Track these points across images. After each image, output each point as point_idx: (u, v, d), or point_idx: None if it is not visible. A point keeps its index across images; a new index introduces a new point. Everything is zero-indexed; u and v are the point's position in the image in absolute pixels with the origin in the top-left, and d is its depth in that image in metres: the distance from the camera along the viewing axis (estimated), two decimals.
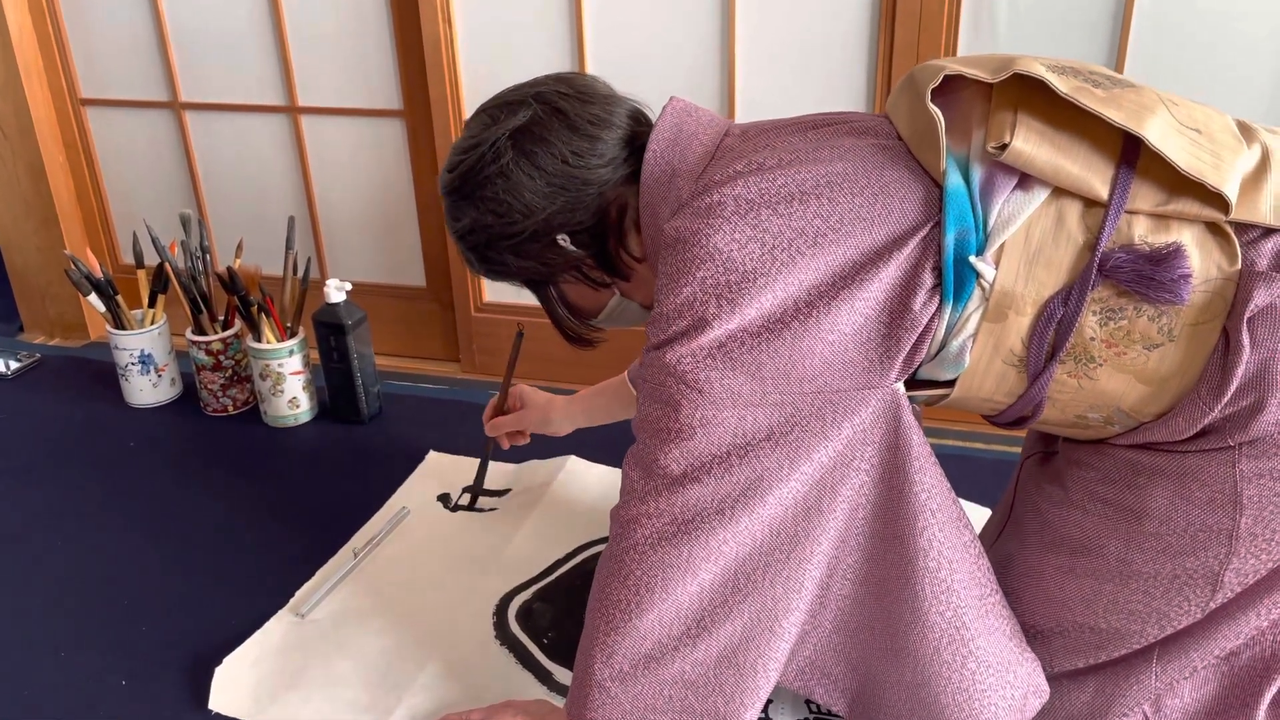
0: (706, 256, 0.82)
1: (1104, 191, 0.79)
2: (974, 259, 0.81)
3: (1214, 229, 0.80)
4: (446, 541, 1.32)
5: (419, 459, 1.51)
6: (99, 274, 1.63)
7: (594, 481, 1.43)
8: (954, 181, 0.81)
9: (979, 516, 1.27)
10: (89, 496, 1.44)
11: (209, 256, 1.64)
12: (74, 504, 1.42)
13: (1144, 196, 0.79)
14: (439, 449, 1.53)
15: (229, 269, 1.54)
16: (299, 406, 1.62)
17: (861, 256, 0.82)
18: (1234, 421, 0.80)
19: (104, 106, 1.88)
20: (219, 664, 1.09)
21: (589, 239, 0.96)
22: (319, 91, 1.75)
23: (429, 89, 1.64)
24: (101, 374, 1.81)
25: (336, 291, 1.56)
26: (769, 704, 1.04)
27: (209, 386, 1.65)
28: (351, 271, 1.88)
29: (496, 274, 1.01)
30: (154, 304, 1.68)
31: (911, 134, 0.86)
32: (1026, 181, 0.81)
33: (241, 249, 1.69)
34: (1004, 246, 0.81)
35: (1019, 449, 1.48)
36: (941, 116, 0.81)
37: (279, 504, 1.41)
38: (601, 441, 1.48)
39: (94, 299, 1.63)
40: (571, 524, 1.34)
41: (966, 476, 1.39)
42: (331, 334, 1.57)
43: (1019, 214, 0.80)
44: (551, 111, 0.93)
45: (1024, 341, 0.83)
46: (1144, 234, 0.79)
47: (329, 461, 1.52)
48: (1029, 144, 0.79)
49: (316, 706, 1.04)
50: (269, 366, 1.58)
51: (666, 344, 0.84)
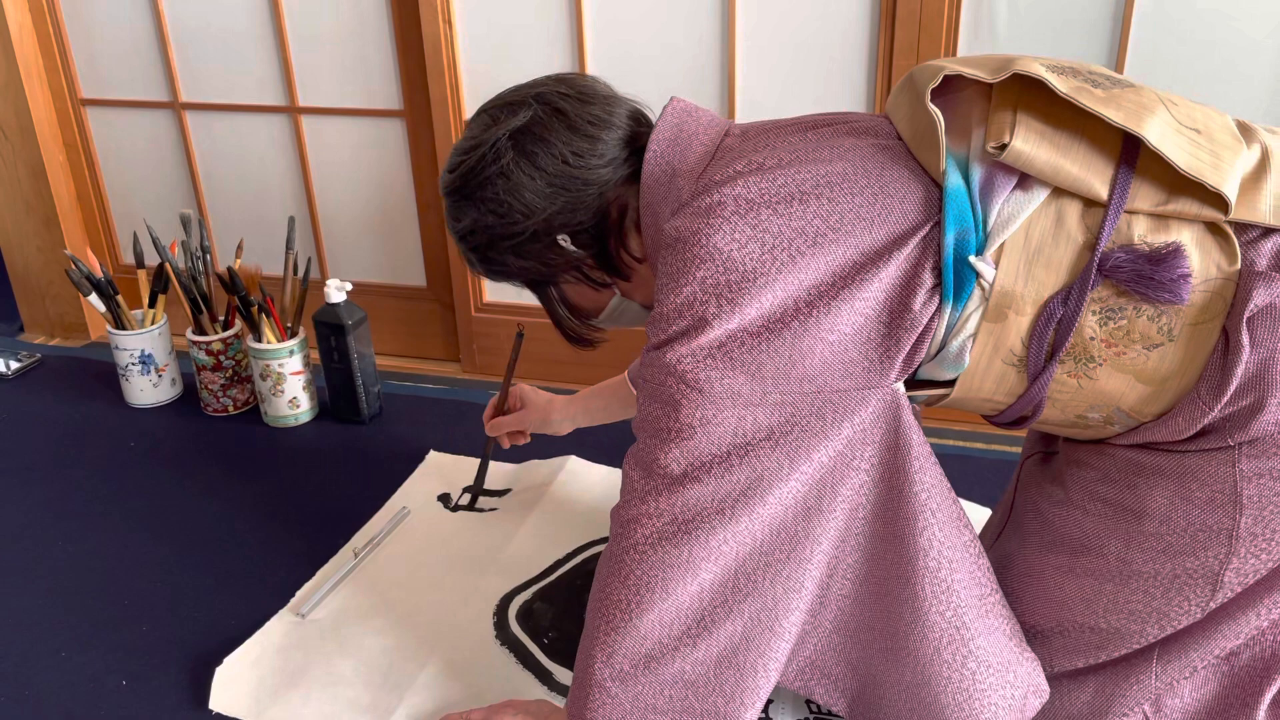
0: (706, 256, 0.82)
1: (1103, 191, 0.79)
2: (974, 259, 0.81)
3: (1213, 229, 0.80)
4: (447, 541, 1.32)
5: (419, 459, 1.51)
6: (99, 274, 1.63)
7: (594, 481, 1.43)
8: (954, 181, 0.81)
9: (979, 516, 1.27)
10: (89, 496, 1.44)
11: (209, 256, 1.64)
12: (74, 504, 1.42)
13: (1143, 196, 0.79)
14: (439, 449, 1.53)
15: (229, 269, 1.55)
16: (299, 406, 1.62)
17: (861, 256, 0.82)
18: (1234, 421, 0.80)
19: (104, 107, 1.88)
20: (220, 664, 1.09)
21: (589, 239, 0.96)
22: (319, 92, 1.75)
23: (429, 89, 1.64)
24: (102, 374, 1.81)
25: (337, 291, 1.56)
26: (769, 704, 1.04)
27: (209, 386, 1.65)
28: (352, 271, 1.88)
29: (497, 274, 1.01)
30: (154, 304, 1.68)
31: (911, 134, 0.86)
32: (1026, 181, 0.81)
33: (242, 249, 1.69)
34: (1004, 246, 0.81)
35: (1019, 449, 1.49)
36: (941, 116, 0.82)
37: (279, 504, 1.41)
38: (602, 441, 1.48)
39: (94, 299, 1.63)
40: (572, 524, 1.34)
41: (967, 476, 1.39)
42: (332, 334, 1.57)
43: (1019, 214, 0.81)
44: (552, 112, 0.93)
45: (1024, 341, 0.83)
46: (1143, 234, 0.79)
47: (329, 461, 1.52)
48: (1028, 144, 0.79)
49: (317, 706, 1.04)
50: (269, 366, 1.58)
51: (666, 344, 0.84)
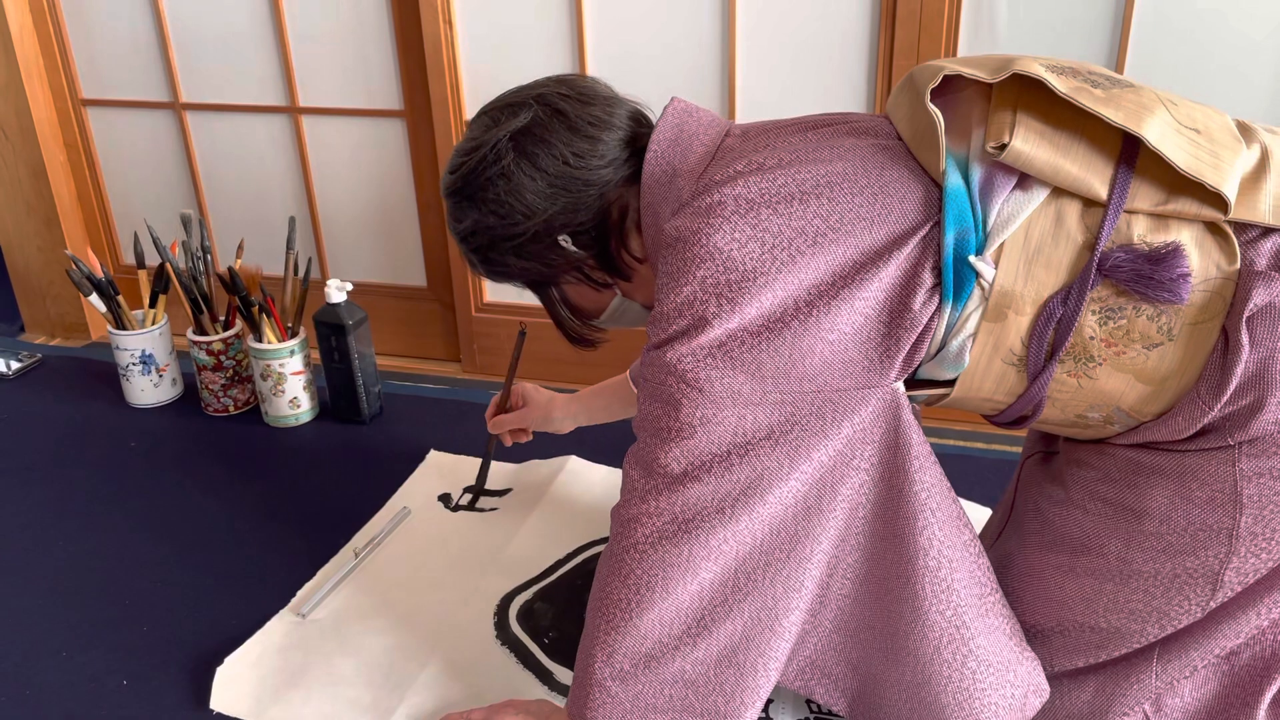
0: (707, 256, 0.82)
1: (1103, 191, 0.79)
2: (973, 259, 0.81)
3: (1213, 228, 0.80)
4: (447, 541, 1.32)
5: (420, 459, 1.51)
6: (100, 274, 1.63)
7: (595, 481, 1.43)
8: (953, 181, 0.81)
9: (979, 516, 1.27)
10: (90, 496, 1.44)
11: (210, 257, 1.65)
12: (75, 504, 1.42)
13: (1143, 196, 0.79)
14: (440, 449, 1.53)
15: (230, 269, 1.55)
16: (300, 406, 1.62)
17: (861, 256, 0.82)
18: (1234, 420, 0.80)
19: (105, 107, 1.88)
20: (220, 664, 1.09)
21: (590, 239, 0.96)
22: (319, 92, 1.75)
23: (429, 89, 1.64)
24: (102, 374, 1.81)
25: (337, 291, 1.56)
26: (769, 703, 1.04)
27: (210, 386, 1.65)
28: (352, 272, 1.88)
29: (498, 275, 1.01)
30: (155, 304, 1.68)
31: (911, 134, 0.86)
32: (1026, 181, 0.81)
33: (242, 249, 1.69)
34: (1003, 246, 0.81)
35: (1019, 449, 1.49)
36: (941, 116, 0.82)
37: (280, 504, 1.41)
38: (602, 441, 1.48)
39: (95, 299, 1.63)
40: (572, 524, 1.34)
41: (967, 476, 1.39)
42: (332, 334, 1.57)
43: (1018, 214, 0.81)
44: (552, 113, 0.93)
45: (1023, 341, 0.83)
46: (1143, 233, 0.79)
47: (330, 461, 1.53)
48: (1028, 144, 0.79)
49: (318, 706, 1.04)
50: (270, 367, 1.58)
51: (667, 343, 0.84)
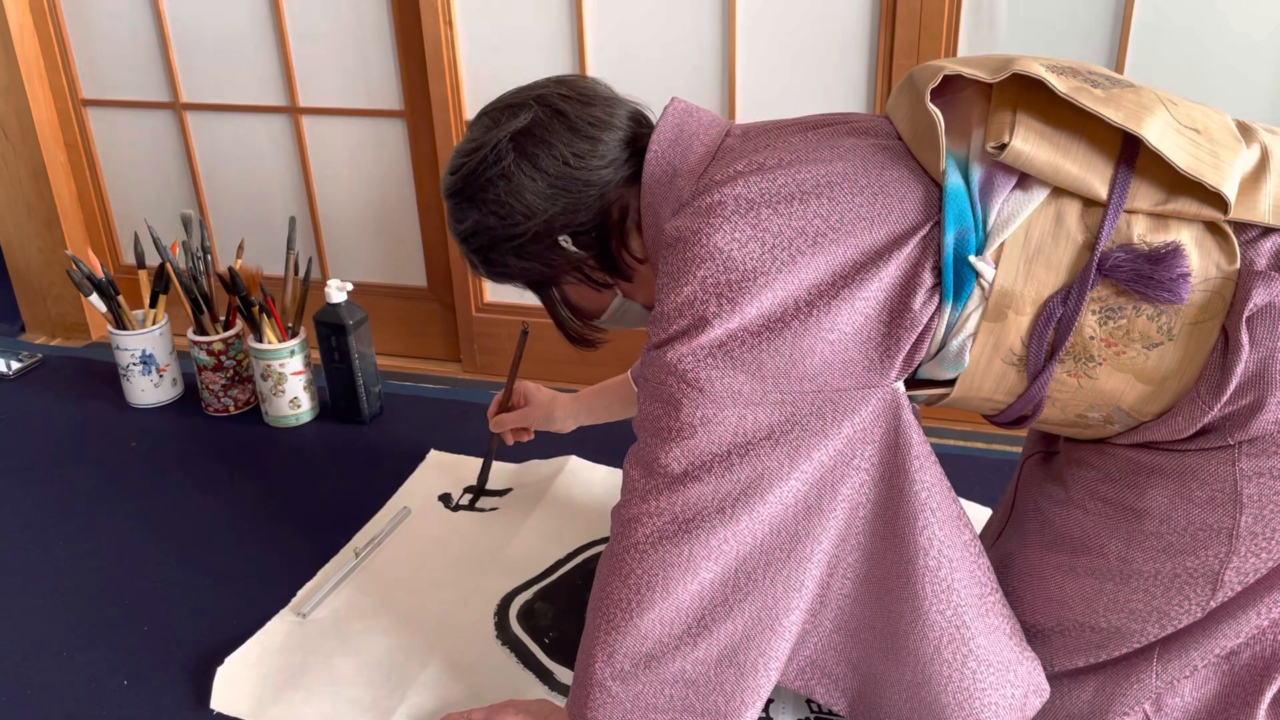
0: (707, 255, 0.82)
1: (1103, 191, 0.79)
2: (973, 258, 0.81)
3: (1213, 228, 0.80)
4: (447, 541, 1.32)
5: (420, 459, 1.51)
6: (100, 274, 1.63)
7: (595, 482, 1.43)
8: (953, 181, 0.81)
9: (980, 516, 1.27)
10: (90, 496, 1.44)
11: (210, 257, 1.65)
12: (75, 504, 1.42)
13: (1143, 196, 0.79)
14: (440, 449, 1.53)
15: (230, 269, 1.55)
16: (300, 406, 1.62)
17: (861, 256, 0.82)
18: (1234, 420, 0.80)
19: (105, 107, 1.88)
20: (221, 664, 1.09)
21: (591, 240, 0.96)
22: (320, 92, 1.75)
23: (430, 89, 1.64)
24: (103, 374, 1.81)
25: (338, 292, 1.56)
26: (770, 703, 1.04)
27: (210, 386, 1.65)
28: (352, 272, 1.88)
29: (499, 276, 1.01)
30: (155, 304, 1.68)
31: (911, 134, 0.86)
32: (1026, 181, 0.81)
33: (243, 249, 1.69)
34: (1003, 246, 0.81)
35: (1020, 449, 1.49)
36: (941, 116, 0.82)
37: (280, 504, 1.41)
38: (603, 442, 1.48)
39: (95, 299, 1.63)
40: (572, 524, 1.34)
41: (967, 476, 1.39)
42: (333, 334, 1.57)
43: (1018, 214, 0.81)
44: (552, 114, 0.93)
45: (1024, 341, 0.83)
46: (1143, 233, 0.79)
47: (330, 461, 1.53)
48: (1028, 144, 0.79)
49: (318, 706, 1.04)
50: (270, 367, 1.58)
51: (667, 343, 0.84)
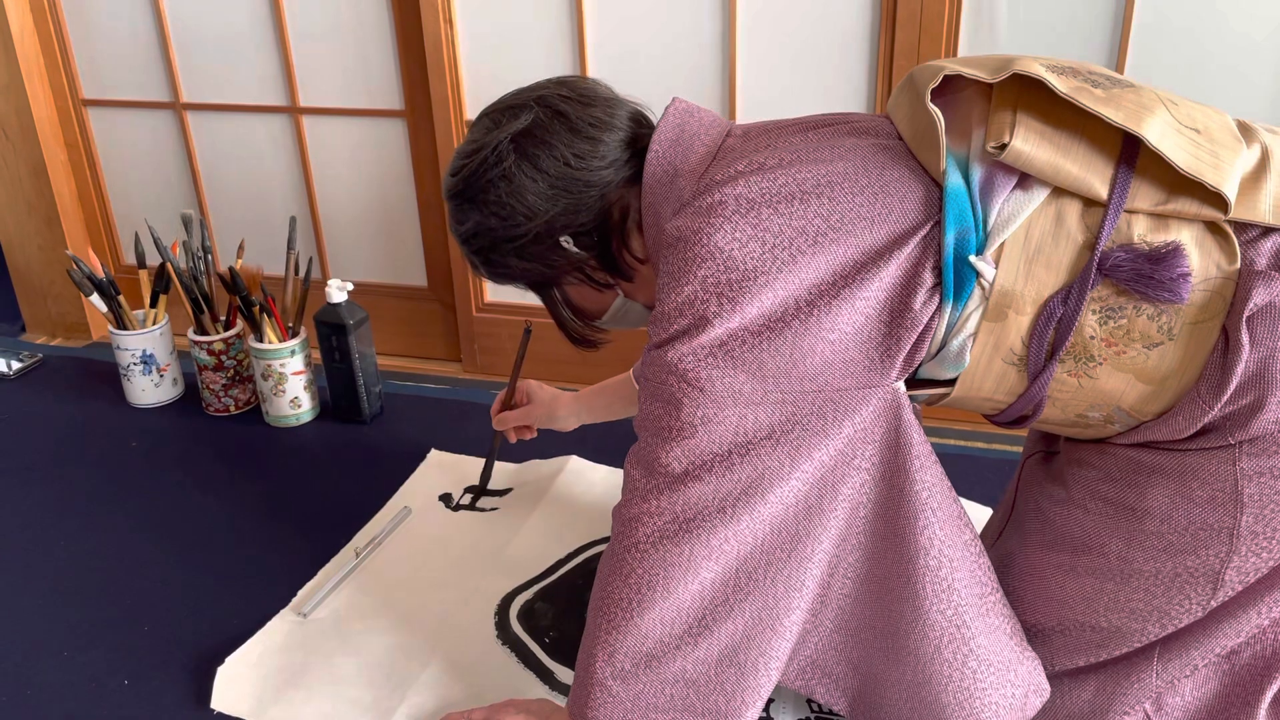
0: (708, 255, 0.82)
1: (1103, 191, 0.79)
2: (974, 258, 0.81)
3: (1213, 228, 0.80)
4: (448, 541, 1.32)
5: (421, 458, 1.51)
6: (101, 274, 1.63)
7: (595, 481, 1.43)
8: (954, 181, 0.81)
9: (980, 516, 1.27)
10: (91, 496, 1.44)
11: (210, 256, 1.65)
12: (76, 504, 1.42)
13: (1143, 196, 0.79)
14: (441, 448, 1.53)
15: (231, 269, 1.55)
16: (301, 406, 1.62)
17: (862, 256, 0.82)
18: (1234, 420, 0.80)
19: (105, 107, 1.88)
20: (221, 663, 1.09)
21: (592, 240, 0.96)
22: (320, 92, 1.75)
23: (430, 89, 1.64)
24: (103, 374, 1.81)
25: (338, 291, 1.56)
26: (770, 703, 1.04)
27: (211, 386, 1.65)
28: (353, 271, 1.88)
29: (500, 277, 1.01)
30: (156, 304, 1.68)
31: (912, 134, 0.86)
32: (1026, 181, 0.81)
33: (243, 249, 1.69)
34: (1004, 246, 0.81)
35: (1020, 448, 1.49)
36: (941, 116, 0.82)
37: (281, 504, 1.41)
38: (603, 442, 1.48)
39: (96, 299, 1.63)
40: (573, 523, 1.34)
41: (968, 476, 1.39)
42: (333, 334, 1.57)
43: (1019, 213, 0.81)
44: (553, 115, 0.93)
45: (1024, 340, 0.83)
46: (1143, 233, 0.79)
47: (331, 461, 1.53)
48: (1028, 144, 0.79)
49: (319, 706, 1.04)
50: (271, 366, 1.58)
51: (668, 342, 0.84)
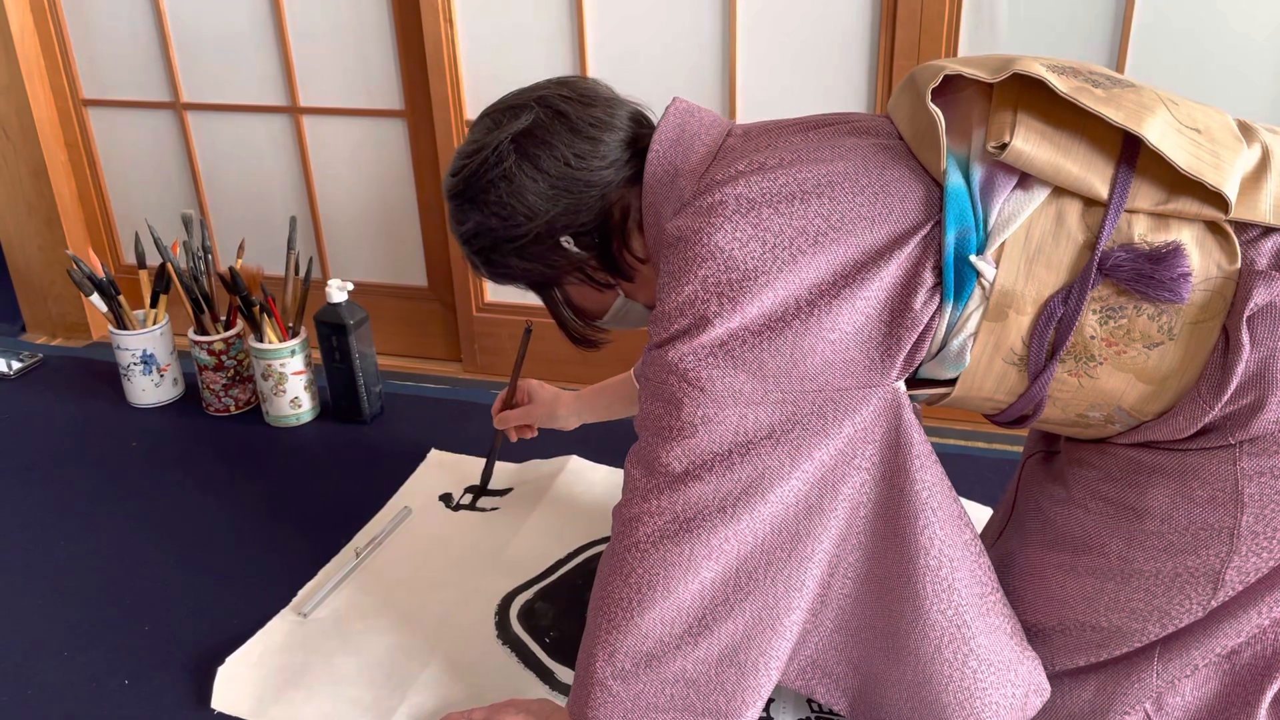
0: (708, 255, 0.82)
1: (1104, 191, 0.79)
2: (974, 258, 0.81)
3: (1213, 228, 0.80)
4: (448, 541, 1.32)
5: (421, 458, 1.51)
6: (101, 274, 1.63)
7: (595, 481, 1.43)
8: (954, 181, 0.81)
9: (980, 516, 1.27)
10: (91, 496, 1.44)
11: (211, 256, 1.65)
12: (76, 504, 1.42)
13: (1144, 195, 0.79)
14: (441, 448, 1.53)
15: (231, 269, 1.55)
16: (301, 406, 1.62)
17: (862, 255, 0.82)
18: (1235, 419, 0.80)
19: (106, 107, 1.88)
20: (222, 663, 1.09)
21: (592, 240, 0.96)
22: (320, 91, 1.75)
23: (430, 89, 1.64)
24: (103, 374, 1.81)
25: (338, 291, 1.56)
26: (770, 703, 1.04)
27: (211, 386, 1.65)
28: (353, 271, 1.88)
29: (501, 277, 1.01)
30: (156, 304, 1.68)
31: (912, 134, 0.86)
32: (1026, 181, 0.81)
33: (243, 249, 1.69)
34: (1004, 246, 0.81)
35: (1020, 448, 1.49)
36: (942, 116, 0.82)
37: (281, 504, 1.41)
38: (604, 441, 1.48)
39: (96, 299, 1.63)
40: (573, 523, 1.34)
41: (968, 475, 1.39)
42: (333, 334, 1.57)
43: (1019, 213, 0.81)
44: (553, 115, 0.93)
45: (1024, 340, 0.83)
46: (1144, 233, 0.79)
47: (331, 461, 1.53)
48: (1029, 144, 0.79)
49: (319, 705, 1.04)
50: (271, 366, 1.58)
51: (668, 342, 0.84)
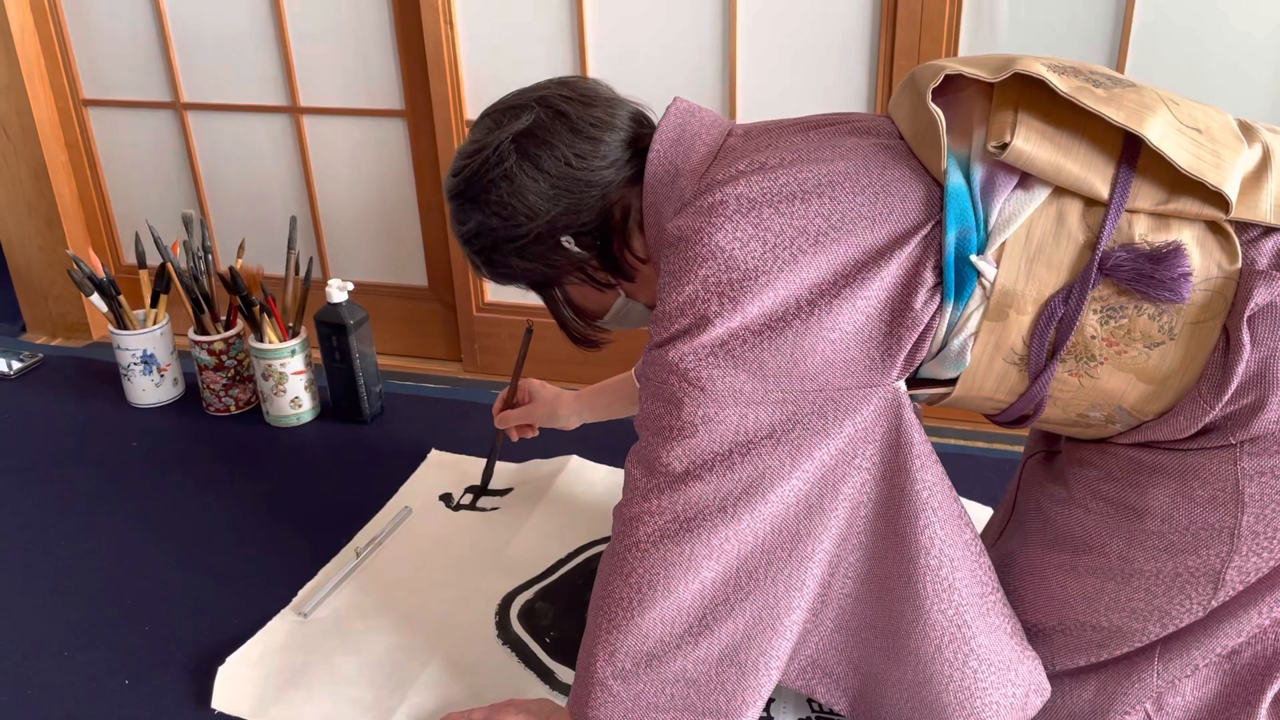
0: (708, 255, 0.82)
1: (1104, 190, 0.79)
2: (975, 258, 0.81)
3: (1214, 228, 0.80)
4: (448, 541, 1.32)
5: (421, 458, 1.51)
6: (101, 274, 1.63)
7: (596, 481, 1.43)
8: (955, 181, 0.81)
9: (981, 515, 1.27)
10: (91, 496, 1.44)
11: (211, 256, 1.65)
12: (76, 504, 1.42)
13: (1144, 195, 0.79)
14: (441, 448, 1.53)
15: (231, 269, 1.55)
16: (301, 406, 1.62)
17: (863, 255, 0.82)
18: (1235, 419, 0.80)
19: (106, 107, 1.88)
20: (222, 663, 1.09)
21: (593, 240, 0.96)
22: (320, 91, 1.75)
23: (430, 89, 1.64)
24: (104, 374, 1.81)
25: (338, 291, 1.56)
26: (771, 703, 1.04)
27: (211, 386, 1.65)
28: (353, 271, 1.88)
29: (502, 277, 1.01)
30: (156, 304, 1.68)
31: (913, 133, 0.86)
32: (1027, 181, 0.81)
33: (243, 249, 1.69)
34: (1005, 245, 0.81)
35: (1021, 448, 1.49)
36: (942, 116, 0.82)
37: (281, 504, 1.41)
38: (604, 441, 1.48)
39: (96, 299, 1.63)
40: (573, 523, 1.34)
41: (968, 475, 1.39)
42: (333, 334, 1.57)
43: (1020, 213, 0.81)
44: (554, 115, 0.93)
45: (1025, 340, 0.83)
46: (1144, 233, 0.79)
47: (331, 461, 1.53)
48: (1029, 143, 0.79)
49: (319, 705, 1.04)
50: (271, 366, 1.58)
51: (669, 342, 0.84)
